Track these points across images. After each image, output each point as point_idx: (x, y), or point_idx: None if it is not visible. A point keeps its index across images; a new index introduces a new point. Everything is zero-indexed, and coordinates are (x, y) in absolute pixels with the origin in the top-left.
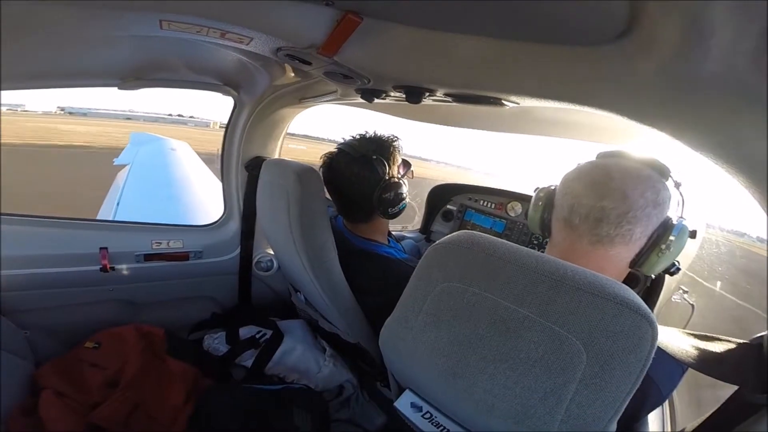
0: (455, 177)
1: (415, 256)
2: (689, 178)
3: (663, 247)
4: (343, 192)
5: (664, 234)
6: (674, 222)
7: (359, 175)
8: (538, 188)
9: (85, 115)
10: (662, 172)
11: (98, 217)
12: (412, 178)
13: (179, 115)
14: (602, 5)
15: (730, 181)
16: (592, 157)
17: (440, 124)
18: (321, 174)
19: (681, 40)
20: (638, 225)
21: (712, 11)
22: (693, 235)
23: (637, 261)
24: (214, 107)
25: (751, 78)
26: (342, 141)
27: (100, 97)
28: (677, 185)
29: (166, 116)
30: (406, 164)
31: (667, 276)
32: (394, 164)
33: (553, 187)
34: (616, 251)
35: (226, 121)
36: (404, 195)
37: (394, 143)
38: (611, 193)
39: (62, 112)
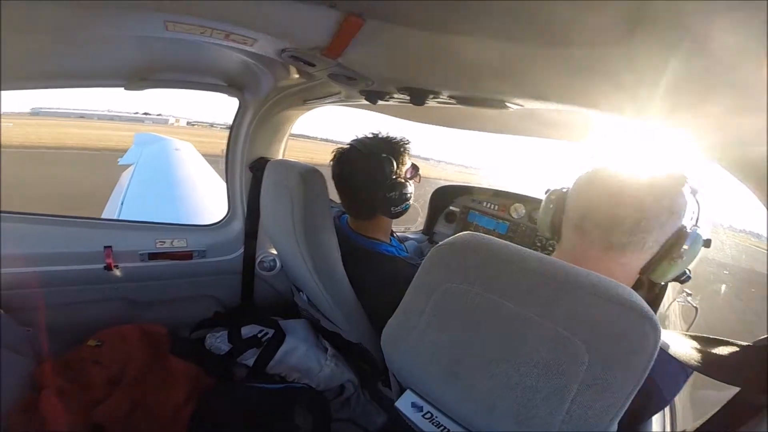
0: (456, 176)
1: (418, 257)
2: (700, 179)
3: (675, 255)
4: (349, 187)
5: (677, 243)
6: (689, 231)
7: (367, 172)
8: (549, 190)
9: (37, 114)
10: (678, 178)
11: (103, 216)
12: (419, 182)
13: (145, 113)
14: (606, 7)
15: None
16: (606, 161)
17: (444, 125)
18: (330, 168)
19: (685, 42)
20: (652, 233)
21: (717, 12)
22: (707, 244)
23: (648, 268)
24: (182, 104)
25: (754, 79)
26: (355, 138)
27: (52, 96)
28: (693, 192)
29: (121, 114)
30: (415, 168)
31: None
32: (402, 165)
33: (564, 190)
34: (628, 259)
35: (194, 119)
36: (409, 195)
37: (405, 145)
38: (625, 200)
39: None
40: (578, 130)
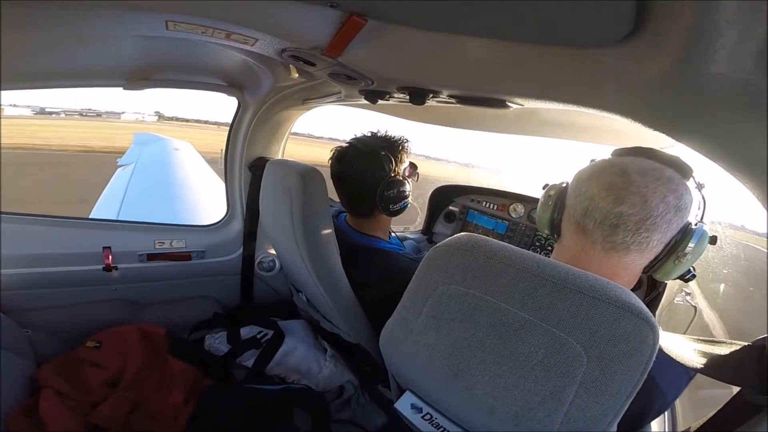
0: (457, 174)
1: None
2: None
3: (681, 254)
4: (348, 184)
5: (682, 240)
6: (694, 227)
7: (366, 169)
8: (547, 185)
9: None
10: (684, 172)
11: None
12: (417, 180)
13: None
14: (608, 7)
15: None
16: (608, 155)
17: (444, 125)
18: (330, 166)
19: (686, 42)
20: (657, 232)
21: (718, 12)
22: (713, 241)
23: (652, 267)
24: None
25: (755, 80)
26: (354, 137)
27: None
28: (700, 187)
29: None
30: (413, 167)
31: None
32: (400, 163)
33: (564, 185)
34: (631, 258)
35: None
36: (406, 193)
37: (404, 144)
38: (630, 197)
39: None
40: (578, 129)
